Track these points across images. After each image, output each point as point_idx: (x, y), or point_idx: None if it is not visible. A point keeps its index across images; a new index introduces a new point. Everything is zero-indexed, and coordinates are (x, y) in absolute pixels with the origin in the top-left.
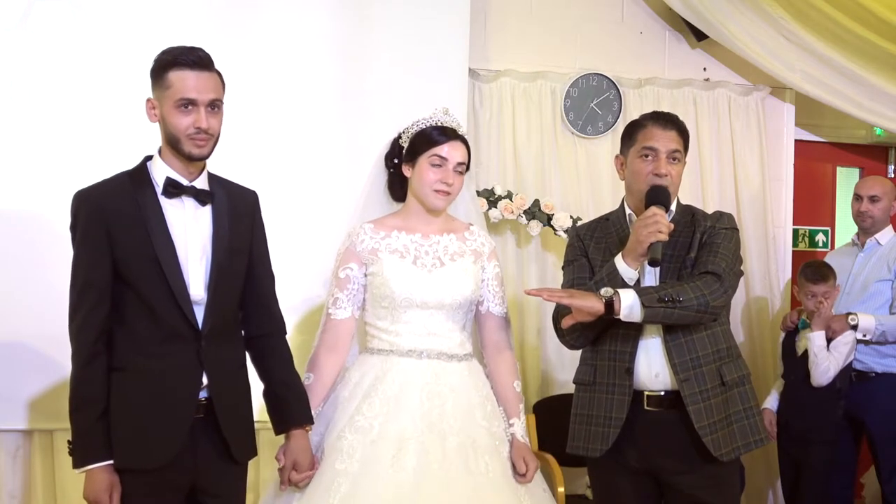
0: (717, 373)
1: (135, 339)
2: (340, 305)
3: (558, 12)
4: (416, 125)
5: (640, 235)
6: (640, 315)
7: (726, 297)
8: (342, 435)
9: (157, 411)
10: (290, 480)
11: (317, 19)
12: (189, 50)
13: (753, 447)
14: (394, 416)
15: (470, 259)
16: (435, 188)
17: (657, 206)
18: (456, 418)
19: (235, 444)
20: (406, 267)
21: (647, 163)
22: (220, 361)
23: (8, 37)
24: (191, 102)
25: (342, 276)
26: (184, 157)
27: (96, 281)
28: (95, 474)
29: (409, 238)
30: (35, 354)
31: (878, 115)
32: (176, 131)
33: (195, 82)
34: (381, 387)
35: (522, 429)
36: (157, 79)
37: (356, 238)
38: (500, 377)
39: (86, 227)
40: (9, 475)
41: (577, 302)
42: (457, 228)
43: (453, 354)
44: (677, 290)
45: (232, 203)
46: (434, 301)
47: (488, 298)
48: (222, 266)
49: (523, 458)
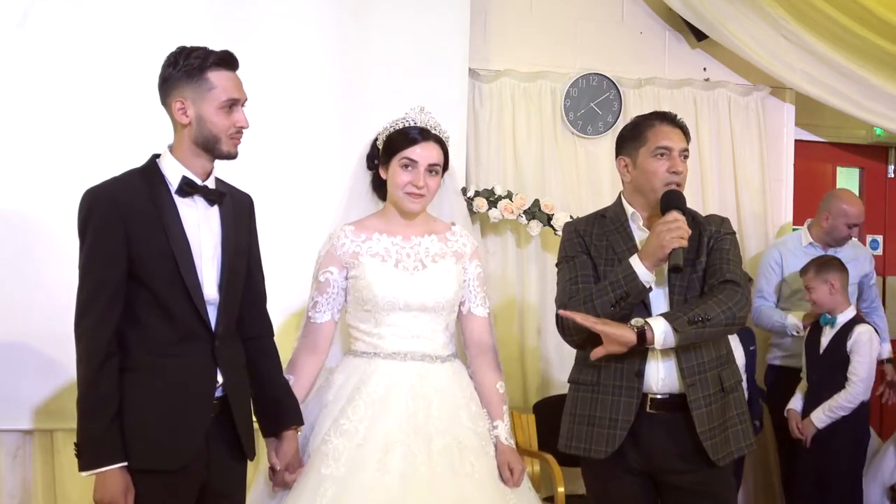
0: (717, 378)
1: (148, 338)
2: (320, 309)
3: (558, 12)
4: (391, 125)
5: (664, 240)
6: (675, 341)
7: (749, 305)
8: (327, 439)
9: (176, 411)
10: (283, 482)
11: (317, 20)
12: (225, 51)
13: (744, 451)
14: (379, 419)
15: (451, 260)
16: (406, 191)
17: (677, 211)
18: (441, 420)
19: (247, 442)
20: (388, 270)
21: (661, 162)
22: (231, 361)
23: (7, 37)
24: (235, 102)
25: (322, 280)
26: (219, 156)
27: (111, 279)
28: (110, 476)
29: (389, 241)
30: (35, 355)
31: (878, 115)
32: (218, 131)
33: (236, 82)
34: (366, 389)
35: (507, 431)
36: (192, 79)
37: (336, 241)
38: (484, 379)
39: (100, 224)
40: (9, 475)
41: (610, 330)
42: (438, 229)
43: (437, 356)
44: (704, 309)
45: (234, 204)
46: (417, 303)
47: (470, 299)
48: (232, 267)
49: (508, 463)
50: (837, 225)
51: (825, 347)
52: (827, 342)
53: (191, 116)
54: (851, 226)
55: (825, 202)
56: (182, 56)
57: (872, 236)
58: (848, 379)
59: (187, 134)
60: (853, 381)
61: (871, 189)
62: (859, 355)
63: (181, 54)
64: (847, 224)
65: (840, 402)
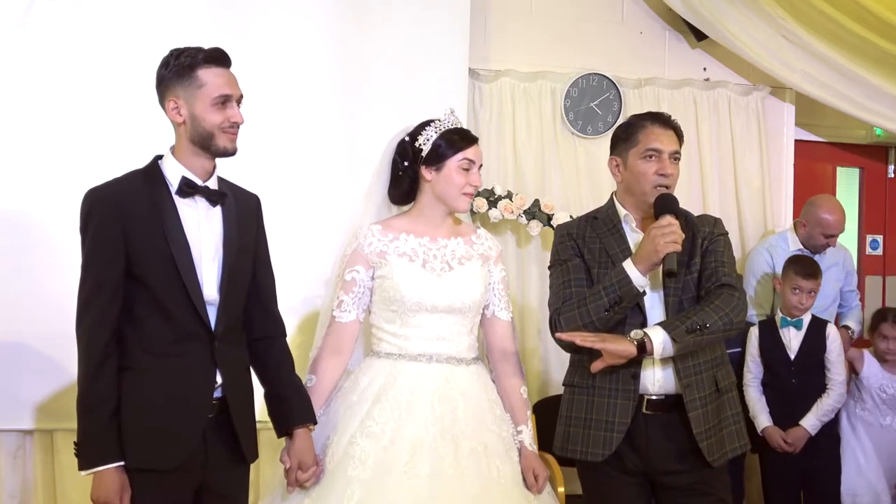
0: (713, 379)
1: (147, 338)
2: (345, 308)
3: (558, 12)
4: (436, 127)
5: (658, 245)
6: (673, 350)
7: (746, 309)
8: (354, 440)
9: (173, 411)
10: (296, 481)
11: (317, 20)
12: (214, 48)
13: (738, 452)
14: (406, 422)
15: (478, 263)
16: (464, 191)
17: (670, 216)
18: (468, 423)
19: (246, 443)
20: (416, 271)
21: (651, 163)
22: (231, 362)
23: (8, 37)
24: (227, 98)
25: (348, 279)
26: (216, 153)
27: (109, 279)
28: (106, 476)
29: (417, 241)
30: (35, 355)
31: (878, 115)
32: (211, 127)
33: (227, 78)
34: (392, 392)
35: (531, 436)
36: (182, 78)
37: (363, 240)
38: (508, 383)
39: (100, 225)
40: (9, 475)
41: (610, 346)
42: (464, 232)
43: (462, 358)
44: (701, 317)
45: (239, 205)
46: (444, 305)
47: (494, 303)
48: (233, 267)
49: (532, 469)
50: (814, 234)
51: (798, 351)
52: (798, 345)
53: (185, 115)
54: (828, 236)
55: (805, 209)
56: (173, 57)
57: (872, 236)
58: (832, 381)
59: (184, 133)
60: (838, 382)
61: (871, 189)
62: (839, 356)
63: (172, 55)
64: (823, 234)
65: (832, 405)
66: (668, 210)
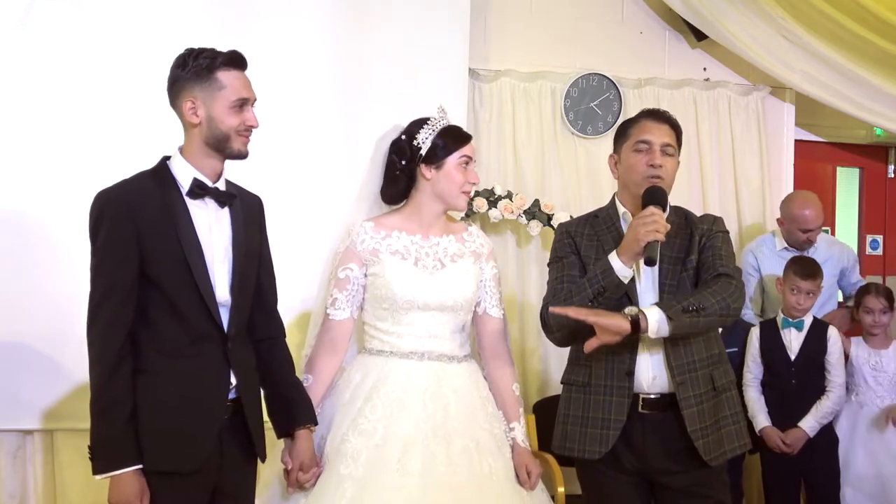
0: (709, 377)
1: (160, 340)
2: (339, 306)
3: (558, 12)
4: (432, 126)
5: (639, 234)
6: (669, 329)
7: (743, 297)
8: (346, 438)
9: (190, 413)
10: (297, 482)
11: (316, 20)
12: (233, 51)
13: (738, 451)
14: (397, 419)
15: (470, 260)
16: (464, 189)
17: (655, 206)
18: (459, 420)
19: (260, 443)
20: (408, 269)
21: (640, 155)
22: (244, 362)
23: (8, 37)
24: (245, 102)
25: (342, 277)
26: (230, 155)
27: (123, 281)
28: (125, 479)
29: (409, 239)
30: (36, 355)
31: (878, 115)
32: (228, 130)
33: (244, 82)
34: (384, 389)
35: (523, 433)
36: (201, 80)
37: (356, 237)
38: (500, 380)
39: (112, 227)
40: (9, 475)
41: (603, 321)
42: (456, 229)
43: (454, 356)
44: (698, 299)
45: (244, 207)
46: (436, 303)
47: (486, 300)
48: (243, 268)
49: (525, 465)
50: (792, 230)
51: (798, 352)
52: (798, 346)
53: (201, 116)
54: (805, 231)
55: (781, 206)
56: (191, 57)
57: (872, 236)
58: (831, 383)
59: (198, 134)
60: (838, 385)
61: (871, 189)
62: (839, 358)
63: (190, 55)
64: (800, 230)
65: (831, 407)
66: (654, 202)
